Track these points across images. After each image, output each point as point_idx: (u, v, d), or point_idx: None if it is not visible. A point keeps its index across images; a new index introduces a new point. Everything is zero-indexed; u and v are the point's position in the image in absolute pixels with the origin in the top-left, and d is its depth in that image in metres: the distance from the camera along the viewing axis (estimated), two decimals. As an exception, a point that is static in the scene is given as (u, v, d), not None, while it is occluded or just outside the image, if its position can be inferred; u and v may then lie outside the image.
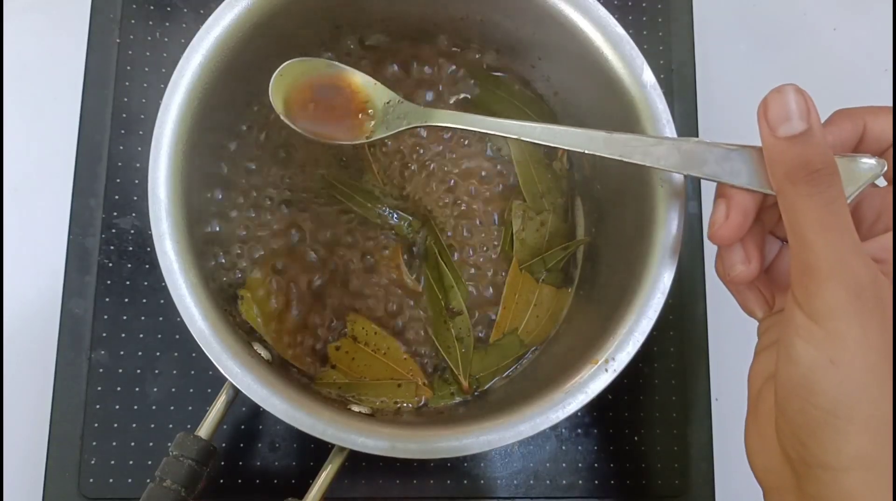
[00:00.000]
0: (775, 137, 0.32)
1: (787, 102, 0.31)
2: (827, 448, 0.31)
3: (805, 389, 0.32)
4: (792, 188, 0.32)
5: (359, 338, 0.51)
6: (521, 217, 0.53)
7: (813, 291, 0.31)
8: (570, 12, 0.46)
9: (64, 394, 0.53)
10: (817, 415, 0.31)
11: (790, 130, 0.31)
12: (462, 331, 0.52)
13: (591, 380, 0.42)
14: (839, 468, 0.31)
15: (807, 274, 0.31)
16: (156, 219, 0.41)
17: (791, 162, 0.32)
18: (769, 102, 0.32)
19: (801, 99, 0.31)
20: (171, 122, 0.42)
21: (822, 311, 0.31)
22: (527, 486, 0.54)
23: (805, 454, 0.32)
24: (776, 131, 0.32)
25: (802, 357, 0.32)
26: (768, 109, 0.32)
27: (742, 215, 0.36)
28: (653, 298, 0.43)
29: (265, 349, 0.45)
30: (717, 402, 0.57)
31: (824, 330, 0.31)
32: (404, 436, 0.41)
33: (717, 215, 0.37)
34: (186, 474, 0.41)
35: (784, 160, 0.32)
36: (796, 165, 0.31)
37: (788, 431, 0.33)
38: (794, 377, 0.32)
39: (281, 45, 0.49)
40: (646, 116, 0.45)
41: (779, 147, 0.32)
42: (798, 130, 0.31)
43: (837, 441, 0.31)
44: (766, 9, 0.68)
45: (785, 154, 0.32)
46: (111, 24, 0.57)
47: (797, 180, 0.31)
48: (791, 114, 0.31)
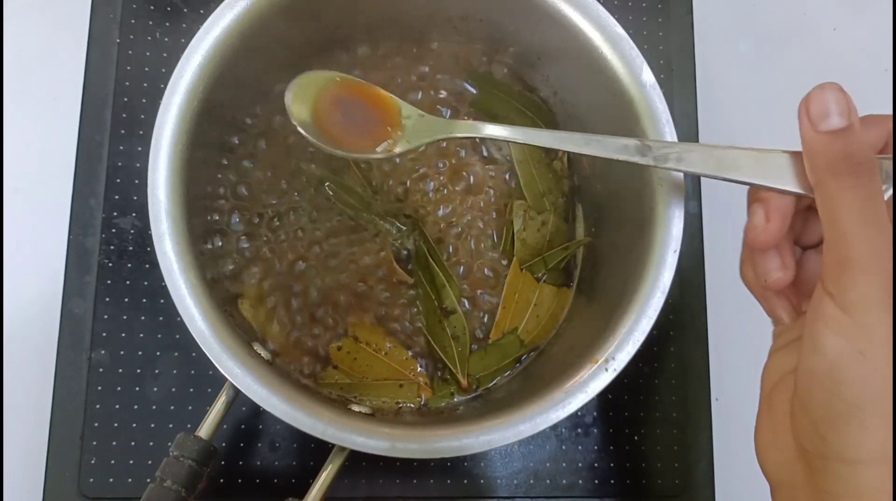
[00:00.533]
0: (816, 132, 0.32)
1: (828, 99, 0.32)
2: (847, 442, 0.31)
3: (831, 380, 0.32)
4: (833, 180, 0.32)
5: (360, 338, 0.51)
6: (522, 217, 0.53)
7: (847, 282, 0.31)
8: (569, 12, 0.46)
9: (64, 394, 0.53)
10: (841, 407, 0.31)
11: (832, 124, 0.32)
12: (457, 330, 0.52)
13: (591, 380, 0.42)
14: (858, 461, 0.31)
15: (842, 266, 0.31)
16: (155, 219, 0.41)
17: (833, 155, 0.32)
18: (811, 99, 0.33)
19: (842, 97, 0.32)
20: (171, 122, 0.42)
21: (854, 303, 0.31)
22: (527, 486, 0.54)
23: (823, 447, 0.32)
24: (817, 126, 0.32)
25: (830, 348, 0.32)
26: (810, 105, 0.33)
27: (781, 218, 0.37)
28: (653, 297, 0.43)
29: (265, 349, 0.45)
30: (717, 402, 0.57)
31: (856, 322, 0.31)
32: (405, 436, 0.41)
33: (756, 219, 0.37)
34: (187, 474, 0.41)
35: (826, 153, 0.32)
36: (839, 158, 0.32)
37: (807, 423, 0.33)
38: (820, 368, 0.32)
39: (281, 45, 0.49)
40: (645, 115, 0.45)
41: (820, 141, 0.32)
42: (840, 125, 0.32)
43: (859, 435, 0.31)
44: (766, 9, 0.68)
45: (827, 147, 0.32)
46: (111, 24, 0.57)
47: (839, 172, 0.32)
48: (832, 110, 0.32)
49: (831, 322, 0.32)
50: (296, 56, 0.52)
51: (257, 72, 0.49)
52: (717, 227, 0.59)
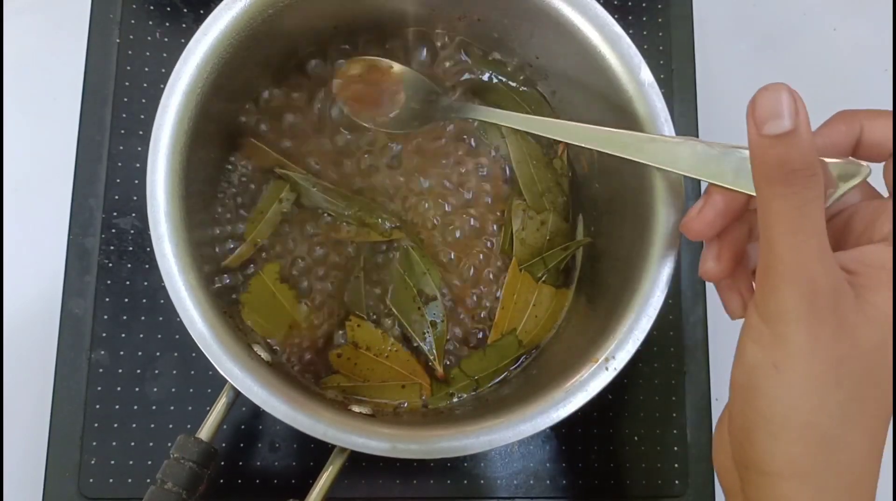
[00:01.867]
0: (760, 135, 0.31)
1: (775, 100, 0.30)
2: (762, 453, 0.31)
3: (748, 390, 0.32)
4: (767, 187, 0.31)
5: (360, 344, 0.51)
6: (521, 217, 0.53)
7: (768, 292, 0.31)
8: (567, 11, 0.46)
9: (64, 394, 0.53)
10: (755, 419, 0.32)
11: (775, 128, 0.30)
12: (436, 316, 0.52)
13: (591, 379, 0.42)
14: (773, 473, 0.31)
15: (765, 275, 0.31)
16: (154, 221, 0.41)
17: (771, 161, 0.31)
18: (757, 100, 0.31)
19: (789, 98, 0.30)
20: (170, 124, 0.42)
21: (773, 313, 0.31)
22: (527, 486, 0.54)
23: (743, 456, 0.33)
24: (761, 129, 0.30)
25: (749, 358, 0.32)
26: (756, 106, 0.31)
27: (714, 212, 0.37)
28: (652, 296, 0.43)
29: (265, 350, 0.45)
30: (717, 402, 0.57)
31: (772, 333, 0.31)
32: (405, 437, 0.41)
33: (692, 208, 0.38)
34: (187, 476, 0.41)
35: (765, 159, 0.31)
36: (775, 164, 0.30)
37: (733, 432, 0.34)
38: (739, 378, 0.33)
39: (279, 45, 0.49)
40: (644, 114, 0.45)
41: (762, 145, 0.31)
42: (783, 129, 0.30)
43: (771, 447, 0.31)
44: (766, 9, 0.68)
45: (766, 152, 0.31)
46: (111, 24, 0.57)
47: (773, 180, 0.31)
48: (778, 112, 0.30)
49: (752, 332, 0.32)
50: (294, 56, 0.52)
51: (255, 72, 0.49)
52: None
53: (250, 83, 0.50)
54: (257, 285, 0.51)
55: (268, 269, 0.51)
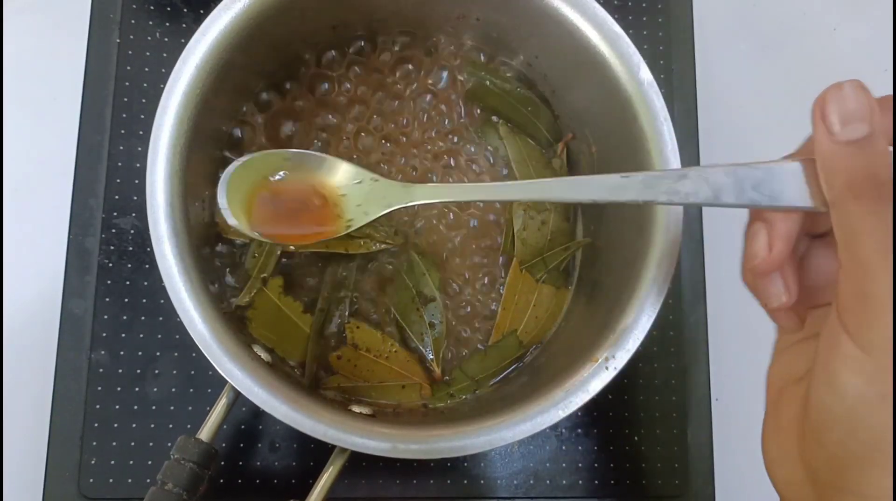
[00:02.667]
0: (834, 142, 0.28)
1: (849, 100, 0.27)
2: (864, 480, 0.29)
3: (850, 421, 0.29)
4: (854, 202, 0.28)
5: (359, 345, 0.51)
6: (522, 217, 0.53)
7: (869, 321, 0.28)
8: (567, 11, 0.46)
9: (64, 394, 0.53)
10: (859, 449, 0.29)
11: (853, 133, 0.27)
12: (435, 317, 0.52)
13: (591, 378, 0.42)
14: (874, 498, 0.29)
15: (863, 302, 0.28)
16: (154, 222, 0.41)
17: (854, 171, 0.27)
18: (828, 100, 0.28)
19: (863, 97, 0.27)
20: (169, 125, 0.42)
21: (877, 344, 0.28)
22: (527, 486, 0.54)
23: (838, 481, 0.31)
24: (835, 135, 0.27)
25: (850, 389, 0.29)
26: (827, 107, 0.28)
27: (786, 242, 0.32)
28: (652, 296, 0.43)
29: (265, 351, 0.45)
30: (717, 402, 0.57)
31: (878, 364, 0.28)
32: (405, 437, 0.41)
33: (757, 246, 0.33)
34: (188, 477, 0.41)
35: (846, 169, 0.28)
36: (861, 176, 0.27)
37: (822, 456, 0.31)
38: (838, 408, 0.29)
39: (277, 46, 0.49)
40: (643, 113, 0.45)
41: (839, 154, 0.28)
42: (862, 133, 0.27)
43: (877, 476, 0.29)
44: (766, 9, 0.68)
45: (847, 162, 0.27)
46: (111, 24, 0.57)
47: (861, 194, 0.27)
48: (853, 115, 0.27)
49: (850, 362, 0.29)
50: (293, 55, 0.52)
51: (255, 72, 0.49)
52: (717, 227, 0.59)
53: (250, 84, 0.50)
54: (262, 300, 0.51)
55: (271, 284, 0.51)
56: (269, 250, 0.51)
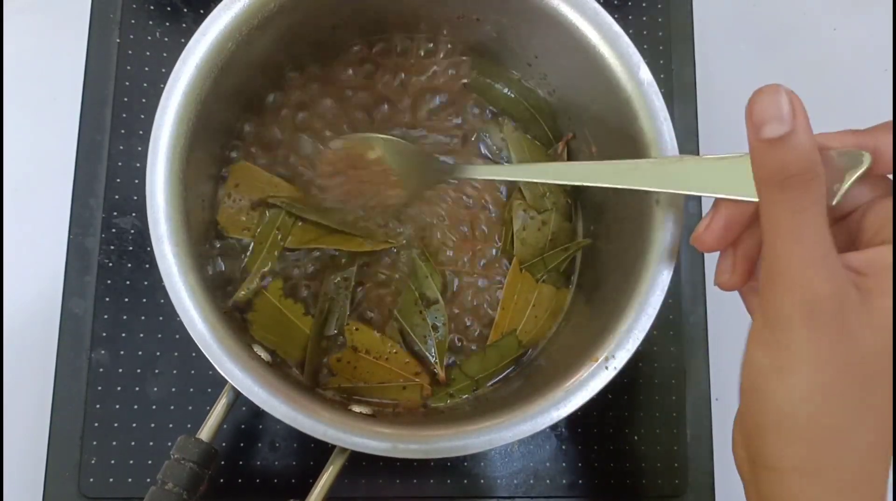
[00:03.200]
0: (758, 139, 0.30)
1: (772, 102, 0.29)
2: (771, 451, 0.32)
3: (754, 391, 0.32)
4: (767, 193, 0.31)
5: (359, 347, 0.51)
6: (522, 217, 0.53)
7: (770, 299, 0.31)
8: (566, 10, 0.46)
9: (64, 394, 0.53)
10: (762, 419, 0.32)
11: (772, 131, 0.29)
12: (438, 319, 0.52)
13: (591, 378, 0.42)
14: (781, 469, 0.32)
15: (768, 281, 0.31)
16: (154, 223, 0.41)
17: (769, 166, 0.30)
18: (753, 103, 0.30)
19: (786, 99, 0.29)
20: (169, 125, 0.42)
21: (775, 319, 0.31)
22: (527, 486, 0.54)
23: (754, 453, 0.33)
24: (759, 133, 0.30)
25: (755, 361, 0.32)
26: (753, 109, 0.30)
27: (724, 223, 0.37)
28: (652, 295, 0.43)
29: (265, 350, 0.45)
30: (717, 402, 0.57)
31: (775, 338, 0.31)
32: (405, 436, 0.41)
33: (701, 222, 0.38)
34: (188, 477, 0.41)
35: (764, 163, 0.30)
36: (773, 170, 0.30)
37: (744, 434, 0.34)
38: (746, 380, 0.33)
39: (277, 47, 0.49)
40: (643, 113, 0.45)
41: (761, 150, 0.30)
42: (778, 132, 0.29)
43: (778, 445, 0.32)
44: (766, 9, 0.68)
45: (764, 157, 0.30)
46: (111, 24, 0.57)
47: (772, 185, 0.30)
48: (775, 115, 0.29)
49: (757, 336, 0.32)
50: (293, 56, 0.52)
51: (255, 73, 0.49)
52: (717, 227, 0.59)
53: (250, 84, 0.50)
54: (263, 303, 0.51)
55: (272, 287, 0.51)
56: (269, 247, 0.51)
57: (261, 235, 0.51)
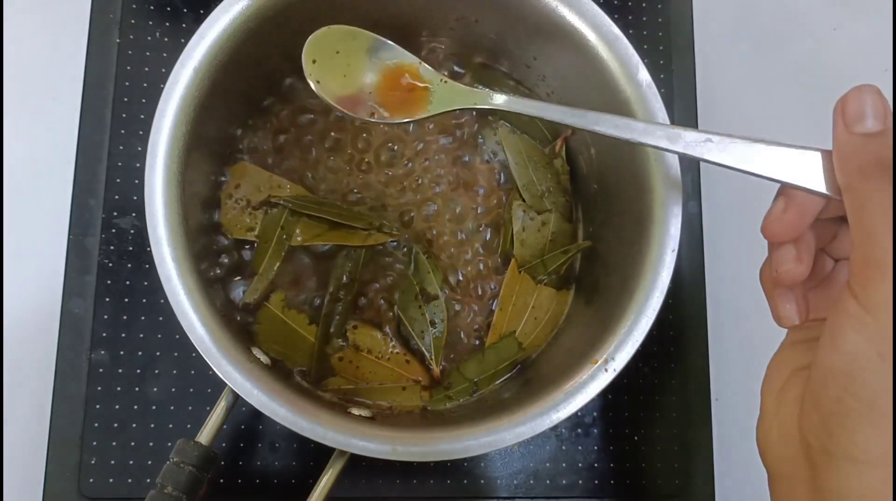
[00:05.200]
0: (850, 133, 0.32)
1: (866, 101, 0.32)
2: (855, 440, 0.31)
3: (847, 377, 0.32)
4: (864, 182, 0.32)
5: (361, 347, 0.51)
6: (522, 218, 0.53)
7: (872, 282, 0.31)
8: (565, 12, 0.46)
9: (64, 394, 0.53)
10: (853, 405, 0.31)
11: (867, 127, 0.31)
12: (436, 316, 0.52)
13: (590, 380, 0.42)
14: (864, 462, 0.31)
15: (869, 266, 0.31)
16: (153, 225, 0.41)
17: (865, 157, 0.32)
18: (849, 100, 0.32)
19: (879, 100, 0.32)
20: (167, 128, 0.42)
21: (878, 303, 0.31)
22: (527, 486, 0.54)
23: (830, 443, 0.32)
24: (852, 128, 0.32)
25: (850, 346, 0.32)
26: (847, 105, 0.32)
27: (799, 214, 0.36)
28: (652, 297, 0.43)
29: (265, 353, 0.45)
30: (717, 402, 0.57)
31: (878, 323, 0.31)
32: (405, 439, 0.41)
33: (774, 209, 0.37)
34: (187, 480, 0.41)
35: (857, 155, 0.32)
36: (871, 161, 0.31)
37: (817, 418, 0.33)
38: (836, 365, 0.32)
39: (276, 49, 0.49)
40: (642, 114, 0.45)
41: (853, 143, 0.32)
42: (875, 128, 0.31)
43: (868, 434, 0.31)
44: (766, 9, 0.68)
45: (859, 150, 0.32)
46: (111, 24, 0.57)
47: (870, 175, 0.31)
48: (868, 113, 0.31)
49: (853, 321, 0.32)
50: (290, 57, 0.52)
51: (254, 74, 0.49)
52: (717, 227, 0.59)
53: (249, 86, 0.50)
54: (266, 315, 0.51)
55: (274, 299, 0.51)
56: (275, 246, 0.51)
57: (264, 234, 0.51)
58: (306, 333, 0.51)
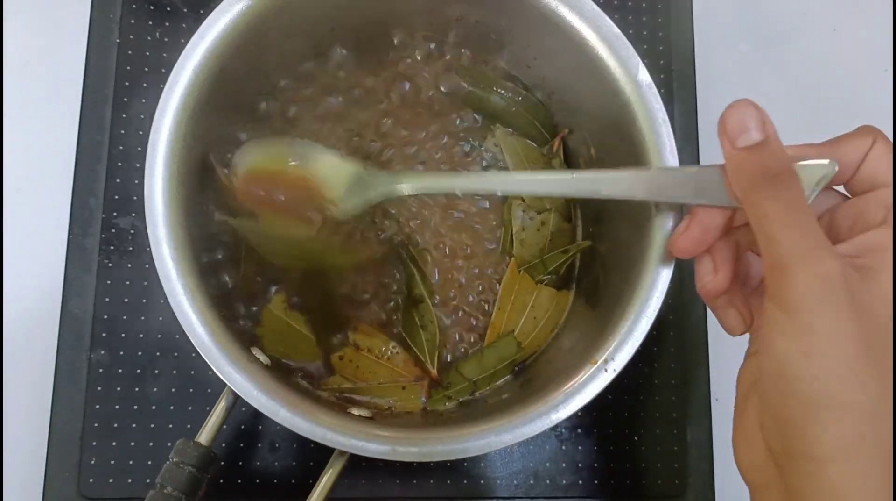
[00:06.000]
0: (735, 149, 0.34)
1: (743, 115, 0.34)
2: (807, 438, 0.32)
3: (783, 381, 0.32)
4: (755, 192, 0.34)
5: (361, 346, 0.51)
6: (521, 218, 0.53)
7: (782, 284, 0.32)
8: (565, 13, 0.46)
9: (64, 394, 0.53)
10: (796, 406, 0.32)
11: (748, 140, 0.34)
12: (425, 319, 0.52)
13: (590, 381, 0.42)
14: (821, 458, 0.32)
15: (776, 269, 0.32)
16: (153, 226, 0.41)
17: (752, 169, 0.34)
18: (726, 117, 0.34)
19: (756, 111, 0.34)
20: (167, 128, 0.42)
21: (792, 303, 0.32)
22: (527, 486, 0.54)
23: (787, 445, 0.33)
24: (735, 143, 0.34)
25: (779, 350, 0.32)
26: (726, 123, 0.34)
27: (701, 229, 0.39)
28: (651, 297, 0.43)
29: (264, 354, 0.45)
30: (717, 402, 0.57)
31: (796, 323, 0.32)
32: (404, 439, 0.41)
33: (678, 227, 0.40)
34: (187, 481, 0.41)
35: (746, 168, 0.34)
36: (757, 172, 0.33)
37: (771, 424, 0.34)
38: (772, 370, 0.33)
39: (275, 48, 0.49)
40: (642, 115, 0.45)
41: (739, 157, 0.34)
42: (755, 140, 0.33)
43: (816, 431, 0.32)
44: (766, 9, 0.68)
45: (745, 163, 0.34)
46: (111, 24, 0.57)
47: (759, 185, 0.33)
48: (748, 125, 0.33)
49: (776, 325, 0.33)
50: (291, 58, 0.52)
51: (254, 75, 0.49)
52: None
53: (249, 86, 0.50)
54: (269, 317, 0.51)
55: (276, 300, 0.51)
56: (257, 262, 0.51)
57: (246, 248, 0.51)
58: (310, 333, 0.51)
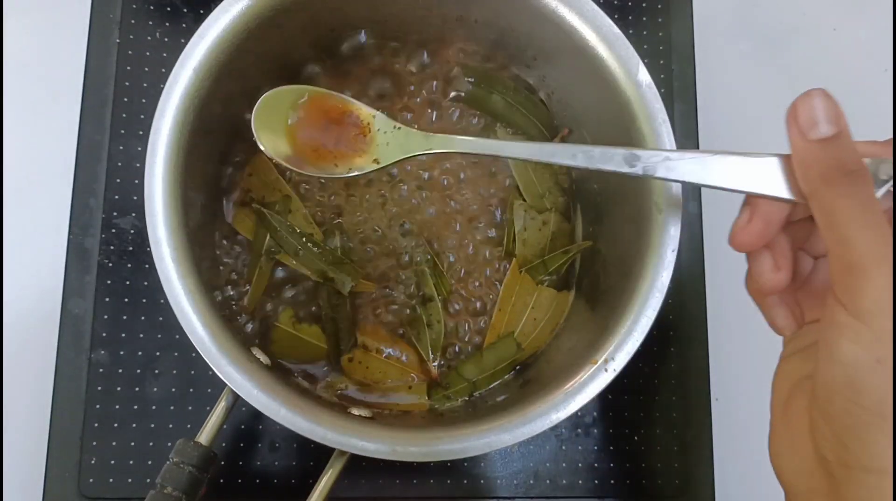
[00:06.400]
0: (806, 141, 0.32)
1: (816, 106, 0.31)
2: (871, 450, 0.31)
3: (850, 389, 0.31)
4: (828, 189, 0.31)
5: (369, 347, 0.51)
6: (523, 218, 0.53)
7: (858, 289, 0.30)
8: (565, 13, 0.46)
9: (64, 394, 0.53)
10: (862, 416, 0.31)
11: (822, 132, 0.31)
12: (433, 317, 0.52)
13: (590, 381, 0.42)
14: (882, 471, 0.30)
15: (850, 273, 0.31)
16: (153, 226, 0.41)
17: (825, 164, 0.31)
18: (798, 107, 0.32)
19: (830, 103, 0.31)
20: (168, 127, 0.42)
21: (867, 309, 0.30)
22: (527, 486, 0.54)
23: (846, 456, 0.32)
24: (807, 135, 0.32)
25: (847, 357, 0.31)
26: (798, 113, 0.32)
27: (764, 222, 0.36)
28: (652, 297, 0.43)
29: (264, 354, 0.45)
30: (717, 402, 0.57)
31: (871, 329, 0.30)
32: (405, 439, 0.41)
33: (739, 220, 0.37)
34: (187, 481, 0.41)
35: (818, 162, 0.32)
36: (831, 167, 0.31)
37: (829, 432, 0.32)
38: (838, 378, 0.31)
39: (277, 48, 0.49)
40: (642, 115, 0.45)
41: (811, 150, 0.32)
42: (830, 132, 0.31)
43: (882, 443, 0.30)
44: (766, 9, 0.68)
45: (818, 156, 0.32)
46: (111, 24, 0.57)
47: (833, 181, 0.31)
48: (821, 118, 0.31)
49: (846, 331, 0.31)
50: (291, 58, 0.52)
51: (253, 75, 0.49)
52: (717, 227, 0.59)
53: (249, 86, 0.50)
54: (279, 334, 0.51)
55: (283, 317, 0.52)
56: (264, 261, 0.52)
57: (255, 244, 0.52)
58: (321, 343, 0.52)
